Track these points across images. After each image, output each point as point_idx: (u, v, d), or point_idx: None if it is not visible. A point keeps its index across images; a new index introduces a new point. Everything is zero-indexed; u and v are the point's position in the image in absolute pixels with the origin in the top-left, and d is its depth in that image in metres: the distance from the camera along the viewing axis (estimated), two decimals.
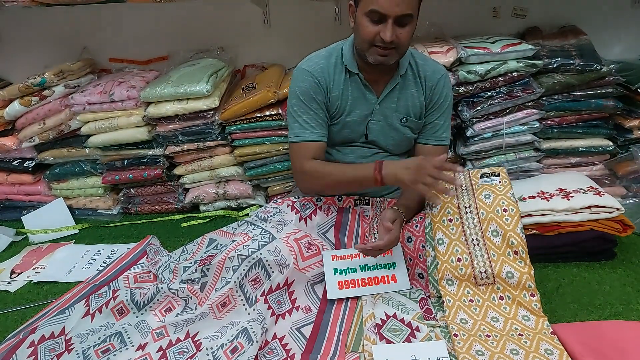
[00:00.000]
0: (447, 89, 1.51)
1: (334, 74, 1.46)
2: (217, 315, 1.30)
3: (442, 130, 1.53)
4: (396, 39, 1.30)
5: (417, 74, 1.48)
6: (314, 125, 1.46)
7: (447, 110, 1.52)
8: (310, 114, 1.45)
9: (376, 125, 1.51)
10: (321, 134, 1.47)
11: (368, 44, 1.33)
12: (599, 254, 1.55)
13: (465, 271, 1.29)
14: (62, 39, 2.25)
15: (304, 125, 1.46)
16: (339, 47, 1.49)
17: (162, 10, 2.08)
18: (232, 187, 2.06)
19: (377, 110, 1.49)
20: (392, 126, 1.51)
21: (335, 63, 1.46)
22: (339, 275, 1.38)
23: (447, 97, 1.51)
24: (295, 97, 1.46)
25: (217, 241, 1.53)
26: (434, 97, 1.49)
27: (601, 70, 1.77)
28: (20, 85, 1.96)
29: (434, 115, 1.51)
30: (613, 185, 1.88)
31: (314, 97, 1.44)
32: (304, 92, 1.45)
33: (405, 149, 1.58)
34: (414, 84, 1.49)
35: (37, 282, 1.68)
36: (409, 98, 1.49)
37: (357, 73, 1.45)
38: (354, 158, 1.54)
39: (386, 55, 1.34)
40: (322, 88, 1.45)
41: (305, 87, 1.44)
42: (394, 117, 1.50)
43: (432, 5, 2.00)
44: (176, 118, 1.94)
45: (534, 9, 2.06)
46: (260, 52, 2.23)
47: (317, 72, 1.45)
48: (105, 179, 2.08)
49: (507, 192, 1.36)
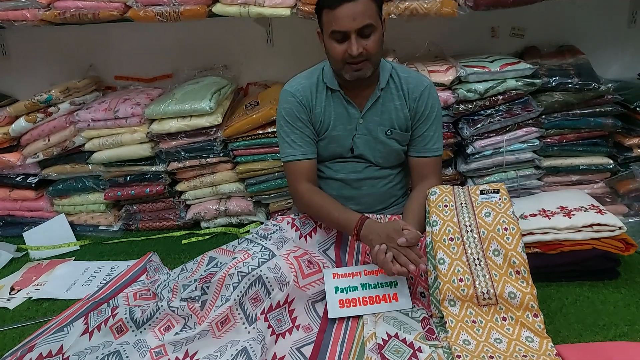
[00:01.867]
0: (432, 100, 1.52)
1: (316, 92, 1.51)
2: (217, 334, 1.29)
3: (432, 142, 1.54)
4: (364, 51, 1.35)
5: (400, 87, 1.50)
6: (302, 144, 1.51)
7: (436, 120, 1.53)
8: (297, 133, 1.50)
9: (361, 139, 1.53)
10: (309, 152, 1.52)
11: (341, 62, 1.39)
12: (602, 273, 1.54)
13: (467, 292, 1.28)
14: (68, 57, 2.28)
15: (292, 145, 1.51)
16: (320, 66, 1.54)
17: (167, 29, 2.11)
18: (233, 203, 2.06)
19: (361, 125, 1.51)
20: (378, 139, 1.52)
21: (317, 82, 1.52)
22: (340, 293, 1.37)
23: (434, 107, 1.52)
24: (282, 118, 1.52)
25: (217, 259, 1.52)
26: (419, 108, 1.51)
27: (599, 89, 1.79)
28: (27, 102, 1.98)
29: (423, 127, 1.52)
30: (614, 203, 1.88)
31: (298, 117, 1.50)
32: (288, 113, 1.50)
33: (395, 161, 1.59)
34: (397, 96, 1.51)
35: (36, 299, 1.67)
36: (392, 111, 1.51)
37: (338, 90, 1.49)
38: (344, 174, 1.56)
39: (360, 68, 1.38)
40: (304, 106, 1.50)
41: (288, 107, 1.50)
42: (379, 130, 1.52)
43: (432, 25, 2.04)
44: (179, 135, 1.96)
45: (532, 29, 2.09)
46: (263, 71, 2.26)
47: (298, 92, 1.50)
48: (108, 195, 2.09)
49: (507, 210, 1.36)
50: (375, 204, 1.58)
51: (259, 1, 1.79)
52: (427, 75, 1.83)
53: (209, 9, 1.84)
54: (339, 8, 1.32)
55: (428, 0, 1.71)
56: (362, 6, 1.32)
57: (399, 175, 1.62)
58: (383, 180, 1.58)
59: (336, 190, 1.57)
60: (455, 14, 1.71)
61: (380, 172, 1.57)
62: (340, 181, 1.57)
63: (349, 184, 1.57)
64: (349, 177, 1.56)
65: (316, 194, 1.50)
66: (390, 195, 1.61)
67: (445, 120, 1.87)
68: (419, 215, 1.45)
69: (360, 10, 1.31)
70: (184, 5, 1.82)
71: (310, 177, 1.52)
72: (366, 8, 1.32)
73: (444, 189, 1.46)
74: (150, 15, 1.83)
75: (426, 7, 1.71)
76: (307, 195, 1.49)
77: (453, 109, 1.85)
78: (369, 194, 1.57)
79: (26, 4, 1.88)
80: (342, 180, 1.57)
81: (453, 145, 1.92)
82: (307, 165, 1.51)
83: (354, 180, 1.56)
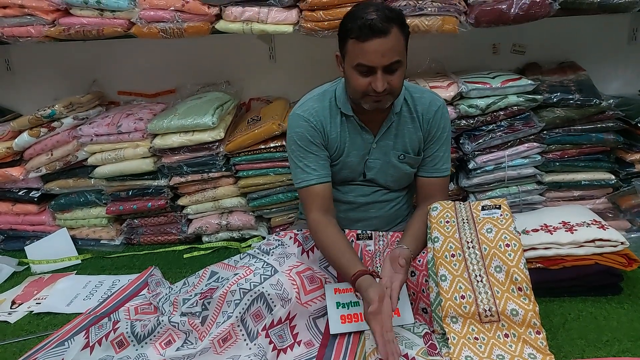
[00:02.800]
0: (444, 120, 1.49)
1: (330, 117, 1.46)
2: (218, 350, 1.28)
3: (442, 162, 1.52)
4: (388, 86, 1.30)
5: (414, 109, 1.48)
6: (316, 168, 1.45)
7: (446, 141, 1.51)
8: (311, 157, 1.45)
9: (374, 164, 1.50)
10: (324, 175, 1.45)
11: (361, 94, 1.34)
12: (605, 289, 1.53)
13: (469, 309, 1.28)
14: (72, 72, 2.31)
15: (305, 170, 1.45)
16: (331, 89, 1.49)
17: (170, 46, 2.14)
18: (235, 217, 2.07)
19: (374, 150, 1.49)
20: (391, 163, 1.50)
21: (329, 106, 1.46)
22: (341, 308, 1.37)
23: (445, 128, 1.50)
24: (293, 142, 1.46)
25: (218, 274, 1.52)
26: (431, 130, 1.48)
27: (601, 104, 1.80)
28: (30, 117, 2.00)
29: (434, 148, 1.50)
30: (617, 219, 1.87)
31: (312, 141, 1.44)
32: (301, 137, 1.44)
33: (405, 184, 1.58)
34: (410, 119, 1.48)
35: (38, 313, 1.67)
36: (406, 134, 1.48)
37: (352, 115, 1.45)
38: (353, 197, 1.55)
39: (380, 100, 1.34)
40: (319, 131, 1.44)
41: (301, 132, 1.44)
42: (392, 155, 1.49)
43: (434, 41, 2.06)
44: (182, 149, 1.97)
45: (533, 45, 2.11)
46: (265, 86, 2.28)
47: (312, 116, 1.44)
48: (110, 209, 2.09)
49: (509, 226, 1.36)
50: (382, 225, 1.57)
51: (262, 18, 1.82)
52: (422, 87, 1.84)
53: (212, 25, 1.86)
54: (369, 42, 1.25)
55: (429, 18, 1.73)
56: (393, 43, 1.26)
57: (405, 197, 1.61)
58: (391, 203, 1.57)
59: (343, 212, 1.55)
60: (457, 31, 1.73)
61: (389, 196, 1.56)
62: (348, 204, 1.56)
63: (357, 206, 1.56)
64: (358, 200, 1.55)
65: (322, 231, 1.41)
66: (397, 217, 1.61)
67: None
68: (419, 232, 1.43)
69: (390, 47, 1.26)
70: (188, 22, 1.84)
71: (324, 204, 1.44)
72: (396, 44, 1.27)
73: (445, 204, 1.46)
74: (154, 31, 1.86)
75: (428, 24, 1.73)
76: (314, 228, 1.42)
77: (455, 124, 1.85)
78: (376, 217, 1.57)
79: (31, 21, 1.90)
80: (350, 203, 1.56)
81: (455, 161, 1.93)
82: (321, 190, 1.44)
83: (362, 204, 1.55)
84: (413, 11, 1.72)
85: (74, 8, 1.89)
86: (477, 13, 1.71)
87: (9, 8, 1.89)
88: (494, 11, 1.70)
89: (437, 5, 1.71)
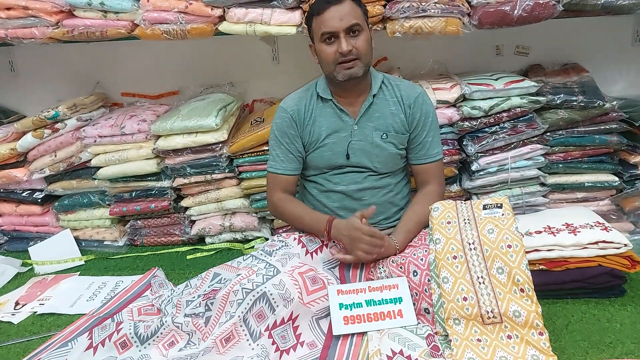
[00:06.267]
0: (426, 106, 1.58)
1: (309, 104, 1.58)
2: (221, 350, 1.28)
3: (432, 147, 1.59)
4: (354, 49, 1.43)
5: (396, 94, 1.57)
6: (284, 160, 1.59)
7: (433, 126, 1.59)
8: (282, 149, 1.59)
9: (357, 145, 1.56)
10: (289, 168, 1.60)
11: (332, 64, 1.46)
12: (608, 291, 1.52)
13: (471, 310, 1.28)
14: (76, 74, 2.32)
15: (275, 159, 1.60)
16: (315, 81, 1.62)
17: (174, 47, 2.14)
18: (238, 219, 2.07)
19: (356, 131, 1.56)
20: (374, 143, 1.56)
21: (310, 94, 1.60)
22: (344, 310, 1.37)
23: (429, 113, 1.58)
24: (272, 132, 1.62)
25: (221, 275, 1.52)
26: (415, 114, 1.56)
27: (604, 106, 1.79)
28: (34, 119, 2.01)
29: (421, 134, 1.57)
30: (620, 220, 1.87)
31: (286, 132, 1.58)
32: (278, 128, 1.60)
33: (394, 167, 1.61)
34: (393, 102, 1.57)
35: (41, 314, 1.68)
36: (388, 115, 1.56)
37: (330, 99, 1.55)
38: (344, 186, 1.59)
39: (352, 66, 1.45)
40: (294, 121, 1.57)
41: (279, 122, 1.59)
42: (374, 135, 1.56)
43: (437, 43, 2.07)
44: (185, 151, 1.98)
45: (536, 47, 2.11)
46: (268, 88, 2.29)
47: (290, 107, 1.59)
48: (113, 210, 2.10)
49: (511, 226, 1.36)
50: (376, 214, 1.57)
51: (265, 19, 1.82)
52: (431, 92, 1.85)
53: (216, 27, 1.87)
54: (326, 11, 1.42)
55: (432, 19, 1.73)
56: (348, 7, 1.43)
57: (399, 185, 1.63)
58: (383, 189, 1.60)
59: (338, 202, 1.60)
60: (460, 33, 1.73)
61: (380, 182, 1.59)
62: (340, 193, 1.60)
63: (350, 195, 1.59)
64: (349, 188, 1.58)
65: (288, 202, 1.59)
66: (392, 205, 1.62)
67: (449, 137, 1.89)
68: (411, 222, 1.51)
69: (346, 11, 1.42)
70: (191, 23, 1.85)
71: (286, 189, 1.61)
72: (351, 9, 1.43)
73: (446, 204, 1.46)
74: (157, 33, 1.86)
75: (431, 26, 1.73)
76: (280, 203, 1.59)
77: (458, 126, 1.86)
78: (370, 204, 1.57)
79: (35, 22, 1.91)
80: (343, 192, 1.59)
81: (458, 162, 1.93)
82: (285, 179, 1.60)
83: (355, 191, 1.59)
84: (416, 13, 1.72)
85: (78, 10, 1.90)
86: (481, 14, 1.71)
87: (12, 10, 1.90)
88: (497, 13, 1.70)
89: (440, 7, 1.71)
